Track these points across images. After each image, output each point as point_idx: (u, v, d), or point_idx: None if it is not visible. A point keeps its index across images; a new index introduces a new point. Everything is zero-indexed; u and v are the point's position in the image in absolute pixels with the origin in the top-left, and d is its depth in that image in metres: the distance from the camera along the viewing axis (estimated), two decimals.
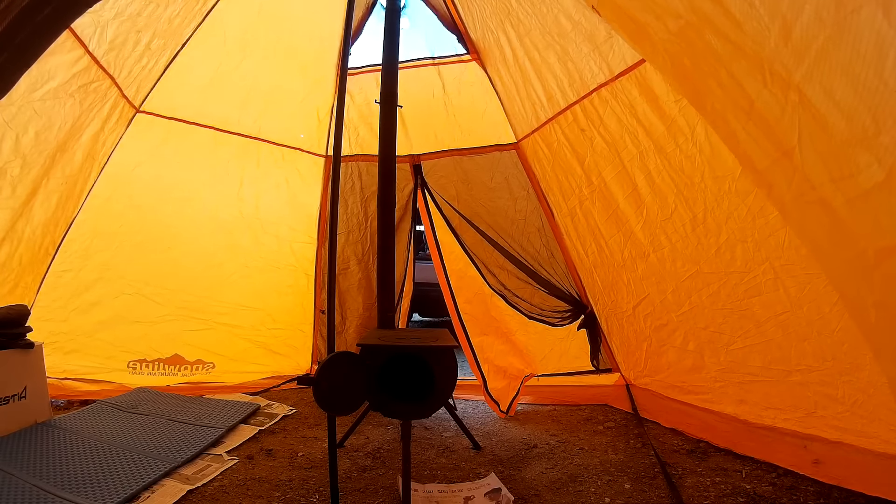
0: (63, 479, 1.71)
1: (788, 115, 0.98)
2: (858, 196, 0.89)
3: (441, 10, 2.86)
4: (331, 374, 1.59)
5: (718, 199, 1.90)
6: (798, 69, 0.94)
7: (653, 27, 1.25)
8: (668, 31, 1.21)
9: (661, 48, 1.29)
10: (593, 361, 2.87)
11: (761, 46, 1.00)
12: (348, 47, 1.86)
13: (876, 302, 0.92)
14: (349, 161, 3.21)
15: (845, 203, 0.92)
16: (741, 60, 1.06)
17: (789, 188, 1.05)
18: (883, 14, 0.79)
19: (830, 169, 0.94)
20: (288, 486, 1.83)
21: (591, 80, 2.26)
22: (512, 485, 1.86)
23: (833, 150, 0.93)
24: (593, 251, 2.65)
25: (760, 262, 1.80)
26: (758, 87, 1.04)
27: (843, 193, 0.92)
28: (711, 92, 1.20)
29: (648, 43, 1.34)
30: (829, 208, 0.95)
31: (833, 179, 0.93)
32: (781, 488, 1.73)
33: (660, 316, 2.34)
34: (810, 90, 0.93)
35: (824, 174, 0.95)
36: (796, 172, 1.00)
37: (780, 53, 0.96)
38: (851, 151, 0.89)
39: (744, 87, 1.07)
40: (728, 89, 1.13)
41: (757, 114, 1.07)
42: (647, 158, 2.15)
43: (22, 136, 2.12)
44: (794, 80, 0.95)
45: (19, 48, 0.94)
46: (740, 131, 1.15)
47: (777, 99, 1.00)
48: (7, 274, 2.37)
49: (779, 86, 0.99)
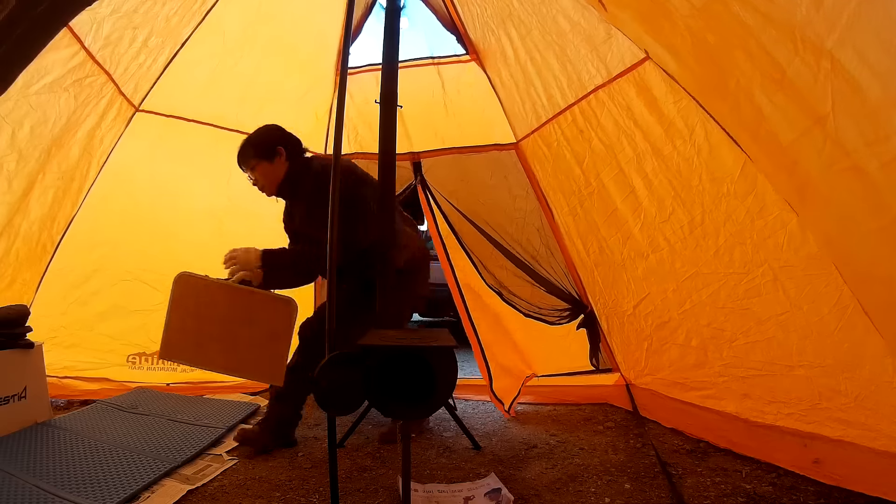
0: (63, 479, 1.71)
1: (821, 83, 0.98)
2: (893, 159, 0.88)
3: (440, 11, 2.86)
4: (331, 374, 1.59)
5: (716, 201, 1.91)
6: (830, 35, 0.93)
7: (674, 4, 1.24)
8: (693, 5, 1.20)
9: (683, 26, 1.28)
10: (593, 361, 2.87)
11: (792, 14, 1.00)
12: (348, 47, 1.86)
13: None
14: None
15: (880, 167, 0.92)
16: (771, 30, 1.05)
17: (819, 158, 1.05)
18: None
19: (865, 133, 0.94)
20: (288, 486, 1.83)
21: (589, 82, 2.26)
22: (512, 485, 1.86)
23: (867, 114, 0.93)
24: (594, 250, 2.65)
25: (759, 264, 1.81)
26: (789, 55, 1.03)
27: (878, 157, 0.92)
28: (737, 66, 1.20)
29: (667, 23, 1.34)
30: (863, 174, 0.95)
31: (868, 143, 0.93)
32: (782, 488, 1.74)
33: (661, 314, 2.34)
34: (843, 56, 0.92)
35: (858, 139, 0.95)
36: (827, 140, 1.00)
37: (812, 20, 0.96)
38: (886, 114, 0.89)
39: (774, 56, 1.07)
40: (757, 60, 1.12)
41: (788, 82, 1.06)
42: (644, 161, 2.15)
43: (18, 131, 2.12)
44: (827, 47, 0.94)
45: (18, 43, 0.94)
46: (766, 104, 1.14)
47: (809, 66, 0.99)
48: (4, 269, 2.38)
49: (811, 53, 0.98)
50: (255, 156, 2.12)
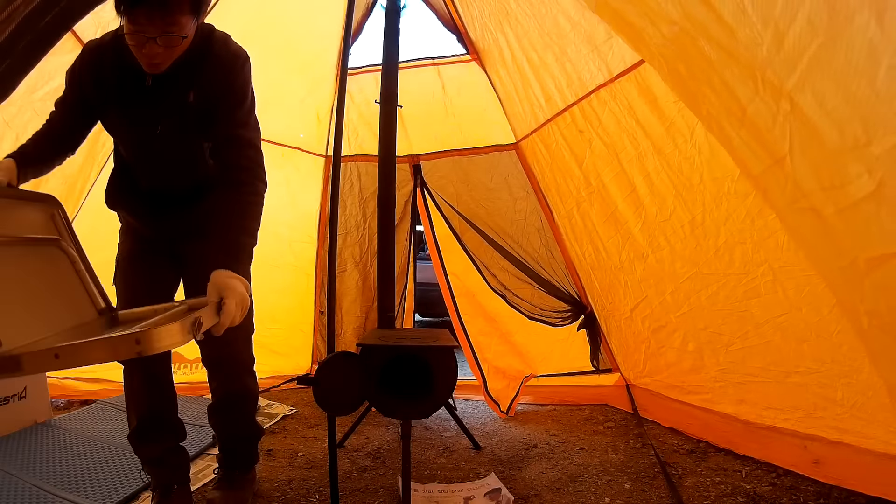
0: (63, 479, 1.71)
1: (780, 124, 0.98)
2: (849, 206, 0.89)
3: (441, 10, 2.86)
4: (331, 374, 1.59)
5: (717, 200, 1.90)
6: (790, 77, 0.93)
7: (648, 32, 1.25)
8: (663, 36, 1.21)
9: (657, 53, 1.29)
10: (593, 361, 2.87)
11: (754, 54, 1.00)
12: (348, 47, 1.86)
13: (868, 310, 0.92)
14: (348, 161, 3.21)
15: (836, 213, 0.92)
16: (734, 67, 1.06)
17: (783, 195, 1.04)
18: (876, 22, 0.78)
19: (821, 178, 0.94)
20: (288, 486, 1.83)
21: (590, 81, 2.25)
22: (512, 485, 1.86)
23: (824, 160, 0.93)
24: (590, 253, 2.65)
25: (759, 264, 1.81)
26: (750, 94, 1.03)
27: (834, 203, 0.91)
28: (706, 98, 1.20)
29: (644, 47, 1.34)
30: (821, 217, 0.95)
31: (824, 189, 0.93)
32: (781, 488, 1.74)
33: (658, 318, 2.34)
34: (802, 99, 0.92)
35: (815, 183, 0.95)
36: (788, 180, 1.00)
37: (773, 61, 0.96)
38: (842, 161, 0.88)
39: (736, 94, 1.07)
40: (721, 96, 1.13)
41: (749, 121, 1.06)
42: (645, 160, 2.15)
43: (22, 136, 2.10)
44: (786, 89, 0.94)
45: (21, 55, 0.94)
46: (734, 137, 1.14)
47: (769, 107, 0.99)
48: None
49: (771, 94, 0.98)
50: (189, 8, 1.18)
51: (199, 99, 1.31)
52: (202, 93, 1.31)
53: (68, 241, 1.16)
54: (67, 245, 1.14)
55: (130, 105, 1.32)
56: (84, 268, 1.15)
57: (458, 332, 2.82)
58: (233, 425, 1.68)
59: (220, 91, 1.32)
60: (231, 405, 1.65)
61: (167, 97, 1.30)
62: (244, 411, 1.69)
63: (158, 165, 1.43)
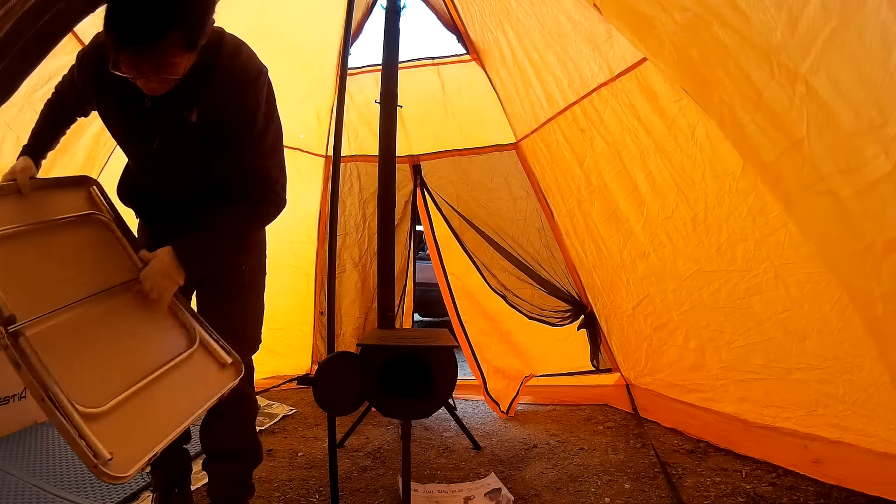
0: (63, 479, 1.71)
1: (796, 107, 0.99)
2: (865, 188, 0.89)
3: (441, 10, 2.86)
4: (331, 374, 1.59)
5: (719, 197, 1.90)
6: (805, 60, 0.94)
7: (659, 20, 1.25)
8: (676, 23, 1.21)
9: (668, 41, 1.29)
10: (593, 361, 2.87)
11: (768, 38, 1.00)
12: (348, 47, 1.86)
13: (884, 294, 0.92)
14: (348, 162, 3.20)
15: (853, 194, 0.92)
16: (749, 52, 1.06)
17: (798, 178, 1.05)
18: (888, 6, 0.79)
19: (838, 160, 0.94)
20: (288, 486, 1.83)
21: (592, 80, 2.25)
22: (512, 485, 1.85)
23: (840, 142, 0.93)
24: (592, 252, 2.65)
25: (761, 261, 1.80)
26: (765, 78, 1.04)
27: (851, 185, 0.92)
28: (720, 83, 1.20)
29: (654, 36, 1.34)
30: (838, 199, 0.95)
31: (841, 171, 0.93)
32: (781, 488, 1.73)
33: (660, 315, 2.34)
34: (817, 81, 0.93)
35: (832, 165, 0.95)
36: (805, 163, 1.01)
37: (787, 45, 0.97)
38: (858, 143, 0.89)
39: (751, 78, 1.07)
40: (736, 80, 1.13)
41: (765, 105, 1.07)
42: (647, 158, 2.15)
43: (23, 137, 2.10)
44: (801, 72, 0.95)
45: (21, 54, 0.94)
46: (749, 123, 1.14)
47: (785, 90, 1.00)
48: None
49: (786, 77, 0.99)
50: (181, 46, 1.05)
51: (202, 118, 1.19)
52: (206, 112, 1.19)
53: (107, 214, 1.26)
54: (102, 216, 1.25)
55: (127, 115, 1.24)
56: (122, 234, 1.25)
57: (457, 332, 2.82)
58: (227, 440, 1.51)
59: (226, 112, 1.20)
60: (228, 410, 1.40)
61: (166, 115, 1.19)
62: (242, 419, 1.53)
63: (157, 175, 1.35)
